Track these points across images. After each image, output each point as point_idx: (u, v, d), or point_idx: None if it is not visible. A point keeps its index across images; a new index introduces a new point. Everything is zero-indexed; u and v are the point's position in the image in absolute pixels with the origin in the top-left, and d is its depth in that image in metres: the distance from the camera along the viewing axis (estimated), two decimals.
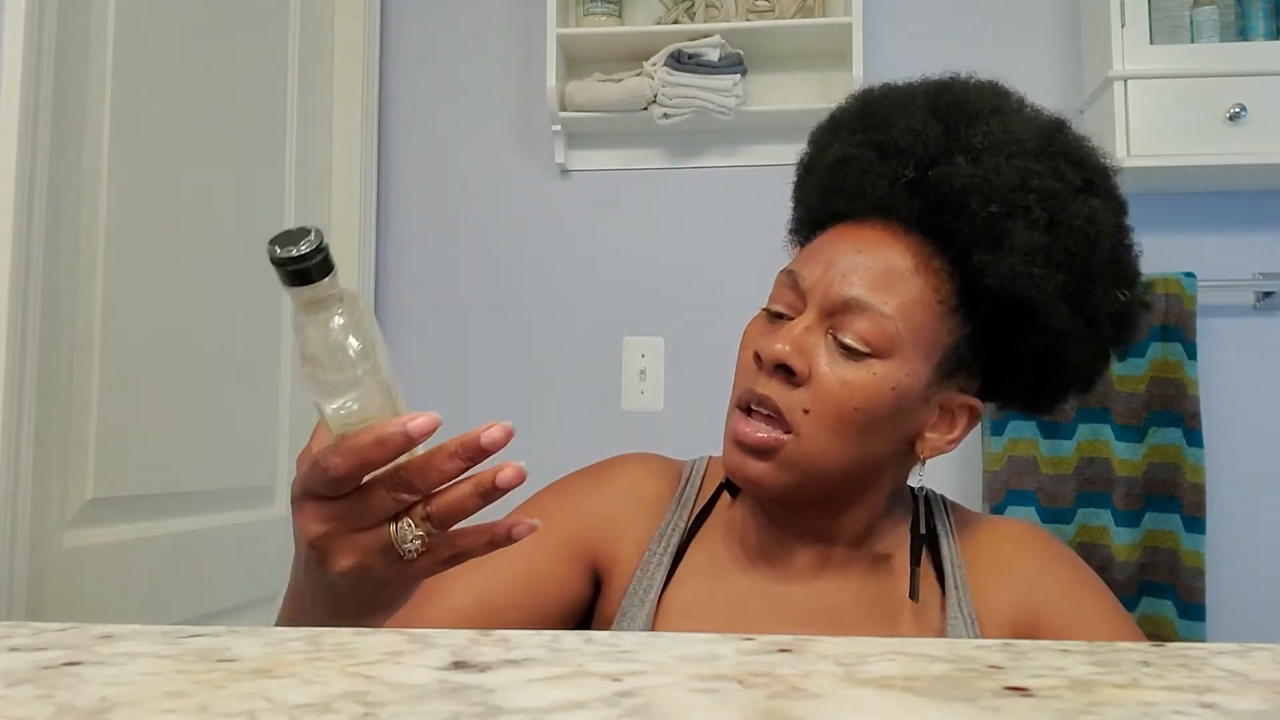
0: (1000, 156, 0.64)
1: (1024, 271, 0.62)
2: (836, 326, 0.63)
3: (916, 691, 0.21)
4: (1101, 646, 0.26)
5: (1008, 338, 0.66)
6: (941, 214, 0.64)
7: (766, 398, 0.62)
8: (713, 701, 0.21)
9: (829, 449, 0.63)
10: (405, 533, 0.43)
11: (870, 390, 0.62)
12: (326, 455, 0.42)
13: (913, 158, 0.65)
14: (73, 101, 1.10)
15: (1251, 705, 0.21)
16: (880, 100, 0.70)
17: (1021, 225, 0.62)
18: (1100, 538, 1.60)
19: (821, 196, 0.70)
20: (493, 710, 0.20)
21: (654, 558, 0.70)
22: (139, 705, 0.20)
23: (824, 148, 0.71)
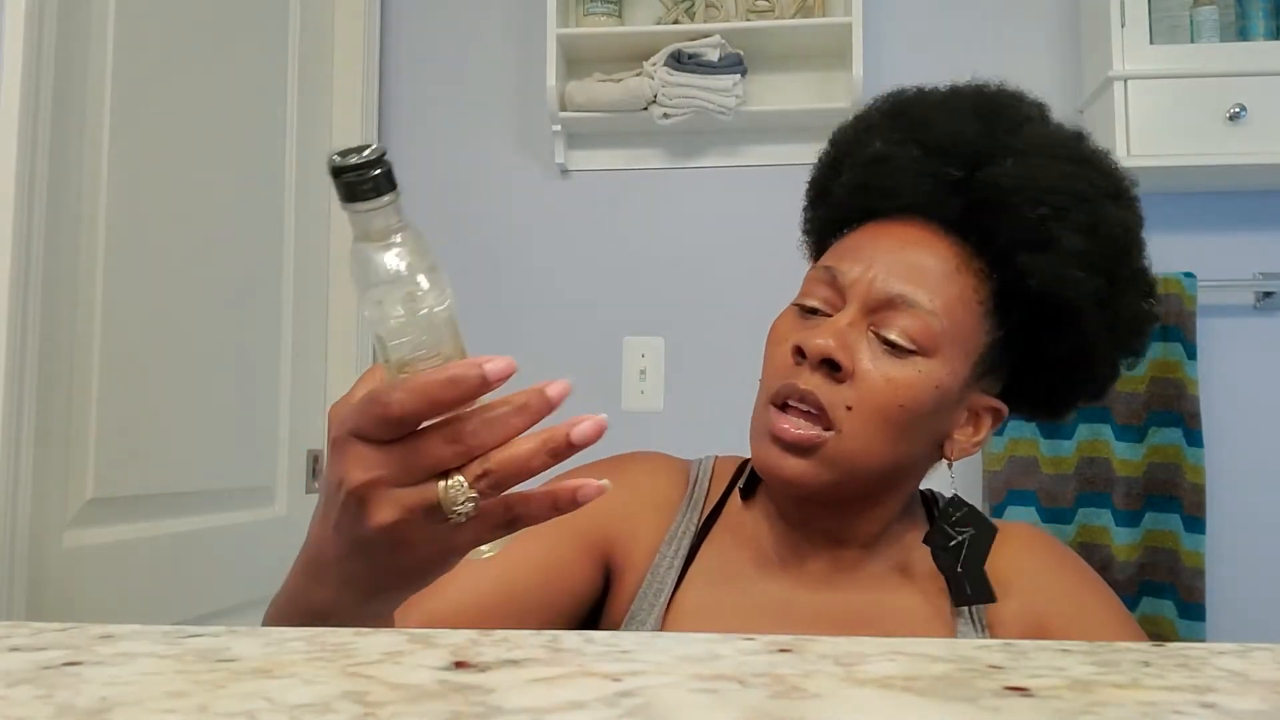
0: (1045, 159, 0.64)
1: (1068, 275, 0.63)
2: (879, 323, 0.62)
3: (916, 691, 0.21)
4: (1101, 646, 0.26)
5: (1037, 341, 0.66)
6: (985, 215, 0.64)
7: (809, 393, 0.61)
8: (713, 701, 0.21)
9: (870, 447, 0.62)
10: (456, 493, 0.38)
11: (914, 388, 0.61)
12: (388, 391, 0.37)
13: (957, 157, 0.65)
14: (73, 101, 1.10)
15: (1251, 705, 0.21)
16: (917, 101, 0.70)
17: (1067, 228, 0.63)
18: (1100, 538, 1.60)
19: (854, 193, 0.69)
20: (493, 710, 0.20)
21: (664, 560, 0.69)
22: (139, 705, 0.20)
23: (854, 145, 0.70)
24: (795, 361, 0.63)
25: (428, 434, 0.38)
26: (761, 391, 0.65)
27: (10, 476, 0.99)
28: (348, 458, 0.39)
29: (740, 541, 0.70)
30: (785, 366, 0.63)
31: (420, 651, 0.25)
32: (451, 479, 0.38)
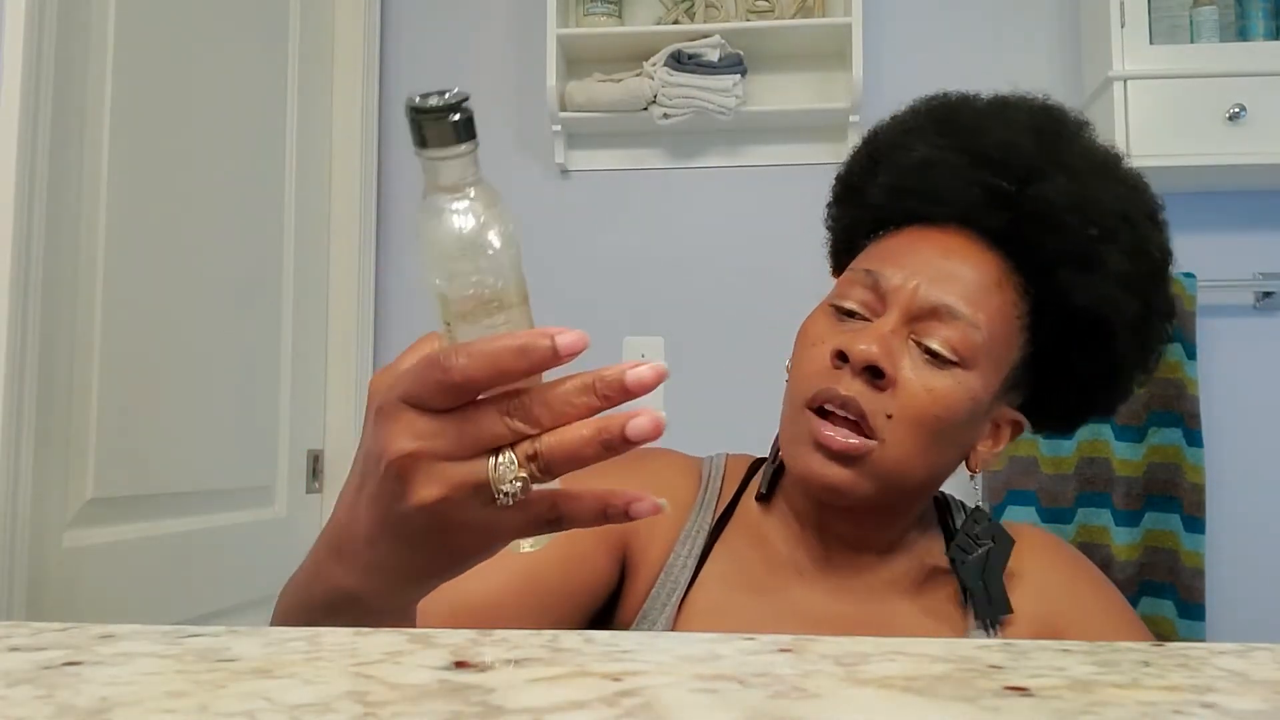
0: (1097, 179, 0.64)
1: (1111, 295, 0.63)
2: (921, 332, 0.61)
3: (916, 691, 0.21)
4: (1102, 646, 0.26)
5: (1067, 359, 0.66)
6: (1033, 230, 0.63)
7: (851, 400, 0.59)
8: (713, 701, 0.21)
9: (910, 457, 0.61)
10: (506, 471, 0.35)
11: (953, 399, 0.61)
12: (451, 355, 0.34)
13: (1010, 169, 0.64)
14: (73, 101, 1.10)
15: (1251, 705, 0.21)
16: (965, 108, 0.69)
17: (1116, 250, 0.63)
18: (1100, 538, 1.60)
19: (896, 196, 0.67)
20: (493, 710, 0.20)
21: (678, 560, 0.68)
22: (139, 705, 0.20)
23: (896, 147, 0.69)
24: (835, 365, 0.61)
25: (485, 406, 0.35)
26: (793, 394, 0.64)
27: (10, 476, 0.99)
28: (395, 426, 0.36)
29: (754, 544, 0.69)
30: (823, 370, 0.62)
31: (420, 651, 0.25)
32: (502, 455, 0.35)
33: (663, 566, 0.68)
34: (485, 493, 0.35)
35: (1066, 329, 0.65)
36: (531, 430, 0.35)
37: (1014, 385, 0.66)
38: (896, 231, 0.67)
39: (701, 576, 0.68)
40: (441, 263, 0.36)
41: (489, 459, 0.35)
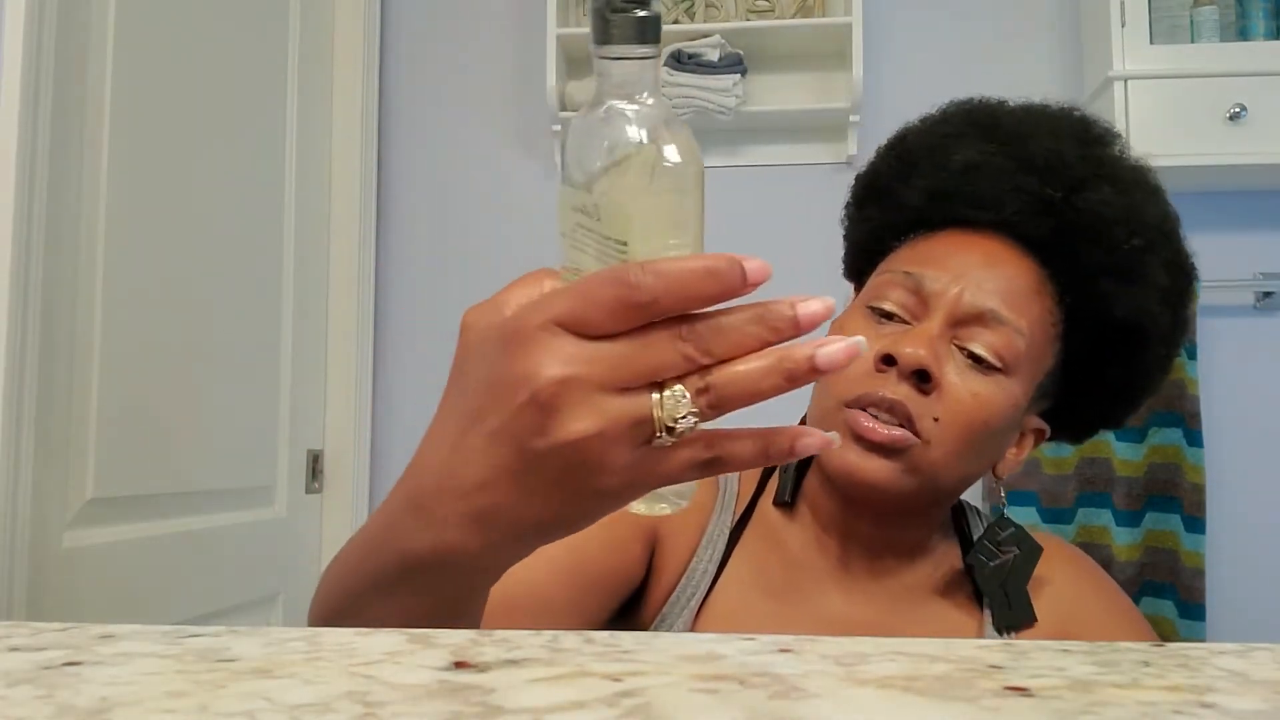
0: (1140, 190, 0.65)
1: (1151, 308, 0.63)
2: (965, 337, 0.61)
3: (916, 691, 0.21)
4: (1101, 646, 0.26)
5: (1095, 370, 0.66)
6: (1077, 239, 0.63)
7: (899, 403, 0.58)
8: (713, 701, 0.21)
9: (951, 461, 0.60)
10: (676, 405, 0.31)
11: (996, 405, 0.60)
12: (637, 271, 0.30)
13: (1056, 177, 0.64)
14: (72, 101, 1.10)
15: (1251, 705, 0.21)
16: (1007, 114, 0.68)
17: (1157, 262, 0.63)
18: (1100, 538, 1.60)
19: (936, 200, 0.66)
20: (493, 710, 0.20)
21: (700, 563, 0.67)
22: (139, 705, 0.20)
23: (934, 150, 0.68)
24: (878, 369, 0.60)
25: (656, 331, 0.31)
26: (826, 395, 0.62)
27: (10, 476, 0.99)
28: (543, 351, 0.31)
29: (772, 548, 0.69)
30: (865, 372, 0.60)
31: (420, 651, 0.25)
32: (670, 388, 0.31)
33: (685, 568, 0.67)
34: (645, 429, 0.31)
35: (1100, 339, 0.65)
36: (705, 360, 0.31)
37: (1043, 394, 0.66)
38: (932, 234, 0.67)
39: (721, 581, 0.67)
40: (613, 174, 0.32)
41: (653, 392, 0.31)
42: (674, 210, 0.33)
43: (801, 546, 0.68)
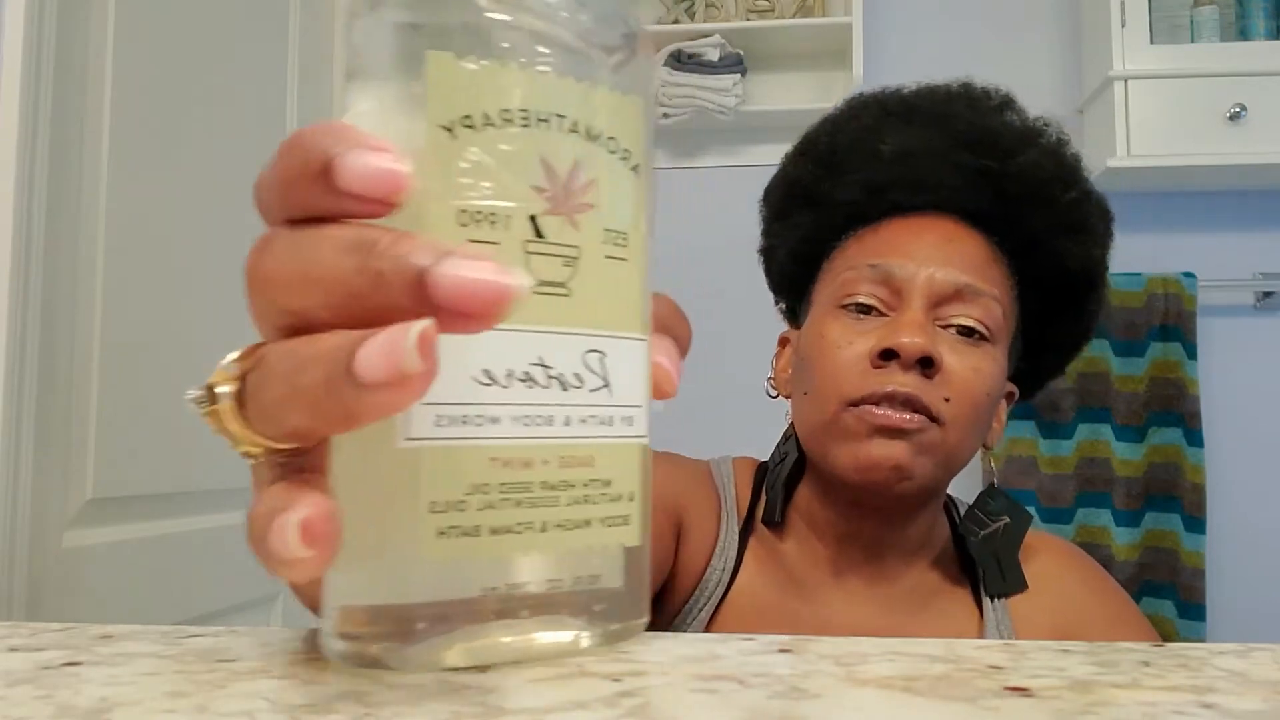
0: (1057, 144, 0.66)
1: (1097, 254, 0.66)
2: (947, 315, 0.61)
3: (916, 691, 0.21)
4: (1102, 647, 0.26)
5: (1052, 324, 0.68)
6: (1020, 204, 0.64)
7: (913, 396, 0.58)
8: (713, 701, 0.21)
9: (965, 438, 0.61)
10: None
11: (992, 375, 0.61)
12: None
13: (990, 148, 0.64)
14: (72, 101, 1.10)
15: (1251, 705, 0.21)
16: (921, 96, 0.69)
17: (1092, 208, 0.66)
18: (1100, 538, 1.60)
19: (873, 191, 0.66)
20: (493, 710, 0.20)
21: (714, 574, 0.67)
22: (139, 705, 0.20)
23: (861, 144, 0.68)
24: (876, 365, 0.59)
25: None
26: (827, 397, 0.61)
27: (10, 476, 0.99)
28: None
29: (773, 559, 0.68)
30: (861, 371, 0.60)
31: None
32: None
33: (702, 574, 0.67)
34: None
35: (1054, 294, 0.66)
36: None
37: (1011, 358, 0.67)
38: (874, 227, 0.66)
39: (730, 595, 0.66)
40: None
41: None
42: None
43: (798, 559, 0.68)
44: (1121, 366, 1.64)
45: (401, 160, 0.21)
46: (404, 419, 0.21)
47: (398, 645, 0.22)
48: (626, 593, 0.26)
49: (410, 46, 0.23)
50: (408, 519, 0.21)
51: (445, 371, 0.21)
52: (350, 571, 0.22)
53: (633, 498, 0.25)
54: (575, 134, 0.24)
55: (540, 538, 0.23)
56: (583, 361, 0.24)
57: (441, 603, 0.22)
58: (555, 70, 0.24)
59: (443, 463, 0.22)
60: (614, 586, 0.25)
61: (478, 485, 0.22)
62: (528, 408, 0.23)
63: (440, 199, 0.22)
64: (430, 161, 0.22)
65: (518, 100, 0.23)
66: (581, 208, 0.24)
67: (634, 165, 0.26)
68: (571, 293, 0.24)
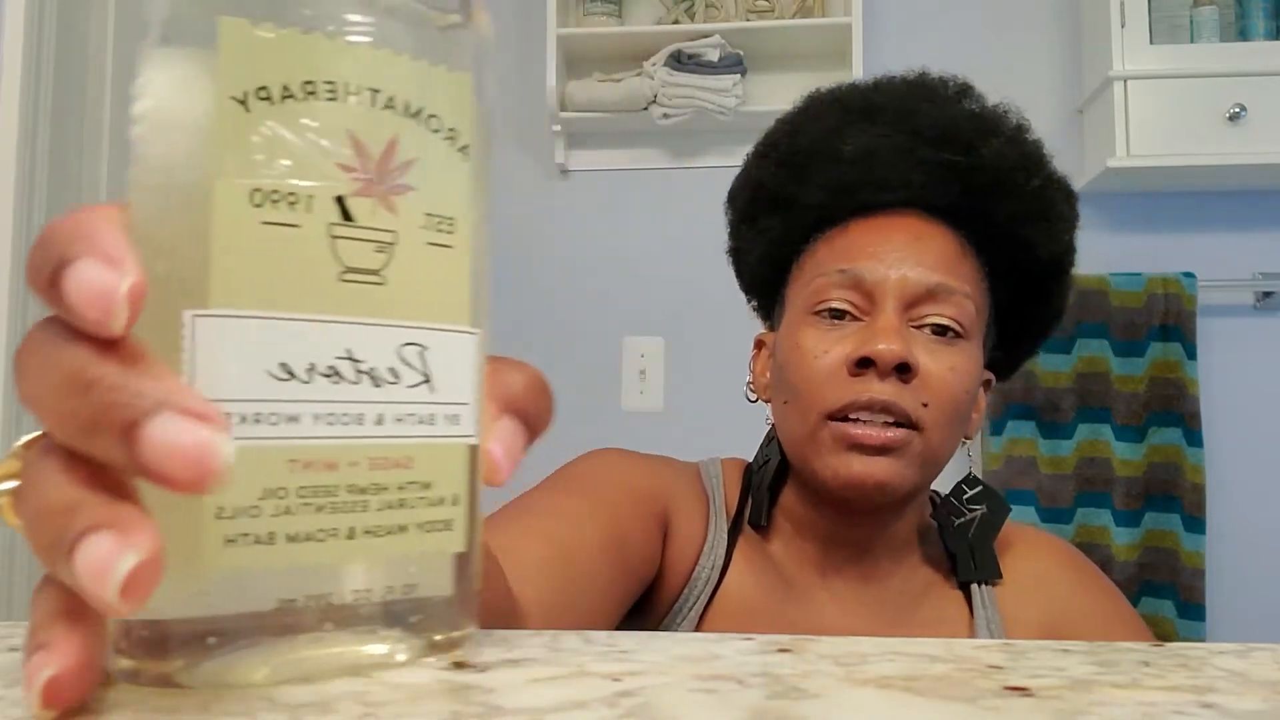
0: (1017, 132, 0.66)
1: (1066, 239, 0.66)
2: (921, 316, 0.61)
3: (916, 691, 0.21)
4: (1101, 646, 0.26)
5: (1024, 310, 0.68)
6: (986, 195, 0.64)
7: (892, 403, 0.58)
8: (712, 701, 0.21)
9: (946, 440, 0.61)
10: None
11: (970, 373, 0.62)
12: None
13: (953, 142, 0.64)
14: (72, 101, 1.10)
15: (1251, 705, 0.21)
16: (879, 91, 0.68)
17: (1057, 194, 0.66)
18: (1100, 538, 1.61)
19: (839, 192, 0.66)
20: (493, 710, 0.20)
21: (703, 574, 0.67)
22: (139, 705, 0.20)
23: (823, 145, 0.67)
24: (853, 373, 0.60)
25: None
26: (807, 407, 0.61)
27: None
28: None
29: (762, 561, 0.68)
30: (839, 381, 0.60)
31: None
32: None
33: (690, 573, 0.67)
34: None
35: (1025, 281, 0.66)
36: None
37: (986, 347, 0.67)
38: (842, 227, 0.66)
39: (722, 590, 0.67)
40: None
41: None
42: None
43: (786, 560, 0.68)
44: (1121, 366, 1.64)
45: (130, 272, 0.18)
46: None
47: (188, 663, 0.20)
48: (450, 601, 0.24)
49: (204, 10, 0.21)
50: (192, 527, 0.20)
51: (235, 365, 0.20)
52: None
53: (457, 501, 0.23)
54: (391, 110, 0.22)
55: (347, 545, 0.21)
56: (399, 355, 0.22)
57: (233, 616, 0.21)
58: (369, 41, 0.22)
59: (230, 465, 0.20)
60: (434, 595, 0.23)
61: (272, 490, 0.20)
62: (333, 405, 0.21)
63: (231, 177, 0.20)
64: (221, 137, 0.20)
65: (322, 71, 0.21)
66: (398, 189, 0.22)
67: (462, 146, 0.24)
68: (386, 281, 0.22)
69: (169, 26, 0.21)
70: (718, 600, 0.66)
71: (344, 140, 0.21)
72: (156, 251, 0.20)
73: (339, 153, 0.21)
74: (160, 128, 0.21)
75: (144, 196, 0.21)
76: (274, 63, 0.21)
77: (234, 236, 0.20)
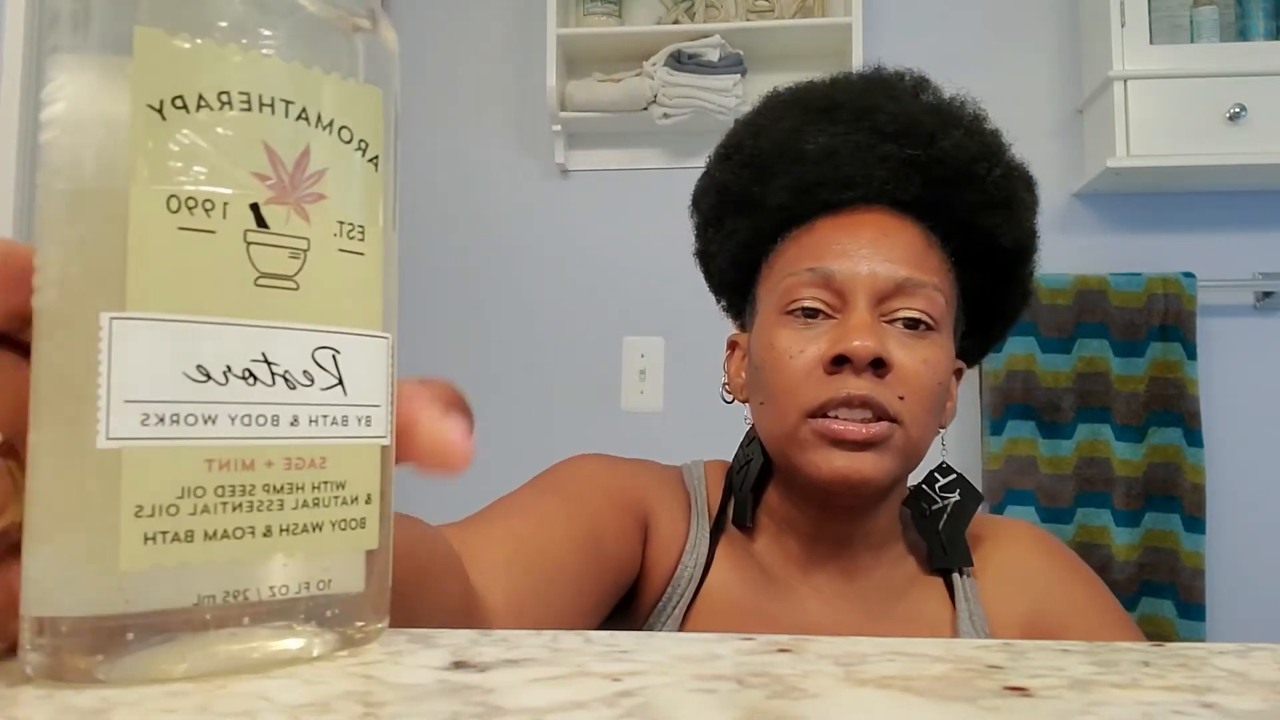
0: (974, 123, 0.67)
1: (1029, 225, 0.68)
2: (892, 311, 0.62)
3: (916, 691, 0.21)
4: (1101, 646, 0.26)
5: (991, 297, 0.70)
6: (948, 187, 0.65)
7: (869, 398, 0.59)
8: (712, 701, 0.21)
9: (923, 431, 0.62)
10: None
11: (942, 363, 0.63)
12: None
13: (912, 137, 0.65)
14: None
15: (1251, 705, 0.21)
16: (839, 89, 0.69)
17: (1018, 182, 0.67)
18: (1100, 538, 1.61)
19: (803, 192, 0.67)
20: (493, 710, 0.20)
21: (685, 571, 0.67)
22: (139, 705, 0.20)
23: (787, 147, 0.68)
24: (829, 371, 0.60)
25: None
26: (786, 407, 0.62)
27: None
28: None
29: (744, 559, 0.69)
30: (816, 380, 0.61)
31: (420, 651, 0.25)
32: None
33: (673, 571, 0.67)
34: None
35: (991, 269, 0.68)
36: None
37: (956, 336, 0.69)
38: (809, 226, 0.67)
39: (706, 586, 0.67)
40: None
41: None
42: None
43: (770, 558, 0.69)
44: (1121, 366, 1.64)
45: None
46: (105, 417, 0.20)
47: (108, 658, 0.21)
48: (364, 597, 0.25)
49: (117, 18, 0.21)
50: (110, 524, 0.20)
51: (152, 367, 0.20)
52: (51, 580, 0.21)
53: (370, 500, 0.24)
54: (303, 121, 0.23)
55: (263, 543, 0.22)
56: (313, 359, 0.23)
57: (152, 613, 0.21)
58: (283, 54, 0.23)
59: (149, 465, 0.20)
60: (349, 591, 0.24)
61: (190, 488, 0.21)
62: (249, 406, 0.22)
63: (147, 184, 0.21)
64: (137, 144, 0.21)
65: (237, 82, 0.22)
66: (311, 198, 0.23)
67: (372, 157, 0.25)
68: (299, 286, 0.23)
69: (80, 33, 0.21)
70: (701, 598, 0.67)
71: (258, 149, 0.22)
72: (70, 255, 0.21)
73: (254, 161, 0.22)
74: (72, 133, 0.21)
75: (55, 201, 0.21)
76: (190, 72, 0.21)
77: (151, 241, 0.21)
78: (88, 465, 0.20)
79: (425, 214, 1.90)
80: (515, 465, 1.76)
